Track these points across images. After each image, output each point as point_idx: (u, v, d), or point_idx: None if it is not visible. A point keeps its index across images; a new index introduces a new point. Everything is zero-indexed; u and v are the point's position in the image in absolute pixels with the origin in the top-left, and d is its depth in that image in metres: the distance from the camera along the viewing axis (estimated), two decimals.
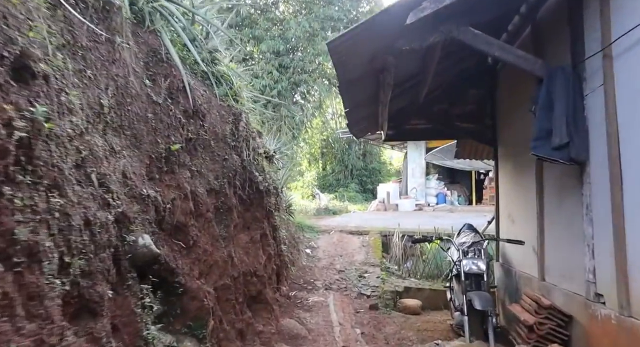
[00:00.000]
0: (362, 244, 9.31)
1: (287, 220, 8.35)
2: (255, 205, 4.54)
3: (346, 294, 6.18)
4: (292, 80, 19.97)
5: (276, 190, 5.59)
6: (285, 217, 8.30)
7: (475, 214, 14.40)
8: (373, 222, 12.13)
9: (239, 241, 4.11)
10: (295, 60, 19.98)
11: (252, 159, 4.51)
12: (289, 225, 8.45)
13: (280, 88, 19.25)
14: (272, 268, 4.84)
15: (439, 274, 8.05)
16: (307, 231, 9.89)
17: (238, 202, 4.17)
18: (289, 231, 8.17)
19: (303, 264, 7.61)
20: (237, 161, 4.15)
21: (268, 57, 19.48)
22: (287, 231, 8.05)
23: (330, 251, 8.81)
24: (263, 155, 5.16)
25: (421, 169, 16.70)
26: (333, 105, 27.52)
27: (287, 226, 8.20)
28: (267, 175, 5.10)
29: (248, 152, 4.38)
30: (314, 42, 19.75)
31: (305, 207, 20.29)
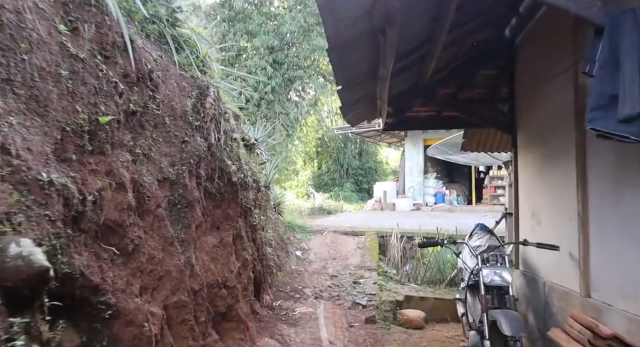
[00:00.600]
0: (357, 246, 8.46)
1: (275, 219, 7.49)
2: (227, 200, 3.67)
3: (339, 304, 5.32)
4: (287, 76, 19.14)
5: (257, 184, 4.71)
6: (273, 216, 7.44)
7: (476, 214, 13.60)
8: (369, 222, 11.28)
9: (203, 245, 3.23)
10: (289, 56, 19.14)
11: (224, 144, 3.64)
12: (277, 225, 7.59)
13: (274, 84, 18.41)
14: (248, 277, 3.96)
15: (442, 279, 7.20)
16: (298, 231, 9.03)
17: (203, 196, 3.30)
18: (277, 232, 7.31)
19: (292, 269, 6.75)
20: (202, 145, 3.27)
21: (262, 53, 18.63)
22: (275, 232, 7.19)
23: (323, 254, 7.95)
24: (240, 142, 4.28)
25: (419, 168, 15.88)
26: (329, 103, 26.68)
27: (275, 226, 7.34)
28: (246, 165, 4.23)
29: (218, 136, 3.51)
30: (309, 38, 18.92)
31: (300, 206, 19.48)
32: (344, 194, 22.51)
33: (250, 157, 4.86)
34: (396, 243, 8.46)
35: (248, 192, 4.16)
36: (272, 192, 8.25)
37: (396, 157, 32.05)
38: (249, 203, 4.13)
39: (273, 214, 7.48)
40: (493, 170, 15.32)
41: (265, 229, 6.35)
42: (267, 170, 7.18)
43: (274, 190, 8.38)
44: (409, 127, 5.96)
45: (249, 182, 4.21)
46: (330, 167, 25.32)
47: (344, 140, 25.54)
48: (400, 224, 10.67)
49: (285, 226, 8.72)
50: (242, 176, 3.88)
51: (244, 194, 3.95)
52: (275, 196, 8.25)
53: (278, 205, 8.32)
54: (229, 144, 3.73)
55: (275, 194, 8.28)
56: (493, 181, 15.31)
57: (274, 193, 8.28)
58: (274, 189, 8.32)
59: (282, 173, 21.40)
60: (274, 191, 8.27)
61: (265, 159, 6.15)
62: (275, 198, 8.21)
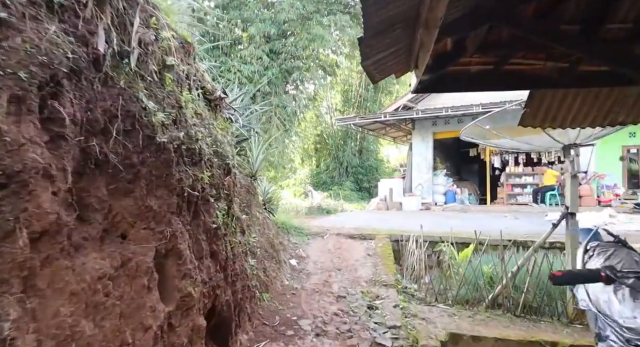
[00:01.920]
0: (367, 253, 6.58)
1: (263, 219, 5.60)
2: (146, 180, 1.78)
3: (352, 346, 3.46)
4: (284, 67, 17.27)
5: (224, 161, 2.81)
6: (260, 214, 5.55)
7: (493, 215, 11.78)
8: (375, 223, 9.42)
9: (63, 277, 1.33)
10: (287, 45, 17.29)
11: (141, 67, 1.76)
12: (267, 226, 5.71)
13: (270, 75, 16.54)
14: (193, 326, 2.04)
15: (480, 298, 5.35)
16: (294, 234, 7.15)
17: (76, 165, 1.42)
18: (266, 235, 5.42)
19: (284, 285, 4.86)
20: (76, 53, 1.41)
21: (258, 42, 16.76)
22: (263, 236, 5.31)
23: (325, 263, 6.08)
24: (190, 85, 2.39)
25: (428, 163, 14.02)
26: (328, 99, 24.83)
27: (263, 228, 5.46)
28: (198, 127, 2.35)
29: (123, 45, 1.64)
30: (308, 26, 17.08)
31: (297, 205, 17.61)
32: (343, 193, 20.66)
33: (215, 118, 2.96)
34: (415, 250, 6.60)
35: (199, 170, 2.25)
36: (261, 184, 6.36)
37: (397, 156, 30.20)
38: (199, 188, 2.22)
39: (261, 213, 5.61)
40: (510, 167, 13.49)
41: (249, 232, 4.48)
42: (253, 155, 5.31)
43: (263, 182, 6.49)
44: (452, 88, 4.01)
45: (204, 154, 2.31)
46: (329, 165, 23.47)
47: (344, 137, 23.70)
48: (411, 226, 8.81)
49: (278, 227, 6.84)
50: (182, 138, 1.98)
51: (187, 171, 2.05)
52: (265, 190, 6.37)
53: (269, 201, 6.44)
54: (152, 69, 1.83)
55: (265, 188, 6.40)
56: (510, 179, 13.46)
57: (264, 187, 6.40)
58: (262, 181, 6.44)
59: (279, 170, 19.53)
60: (262, 184, 6.38)
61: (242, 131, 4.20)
62: (265, 193, 6.33)
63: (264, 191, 6.33)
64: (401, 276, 6.37)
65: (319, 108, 23.87)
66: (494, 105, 11.44)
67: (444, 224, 9.66)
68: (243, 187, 5.07)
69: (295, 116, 19.19)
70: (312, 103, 21.02)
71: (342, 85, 24.94)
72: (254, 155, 5.23)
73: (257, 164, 5.27)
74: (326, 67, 19.72)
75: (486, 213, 11.90)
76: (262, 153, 5.36)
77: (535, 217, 10.80)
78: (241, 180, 5.13)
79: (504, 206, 12.99)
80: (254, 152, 5.23)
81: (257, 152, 5.26)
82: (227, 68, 16.35)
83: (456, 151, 15.59)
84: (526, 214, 11.51)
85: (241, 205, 4.86)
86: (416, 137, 14.17)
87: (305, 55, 17.69)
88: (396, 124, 14.26)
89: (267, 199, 6.36)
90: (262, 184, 6.35)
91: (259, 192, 6.33)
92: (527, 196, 13.07)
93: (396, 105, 14.37)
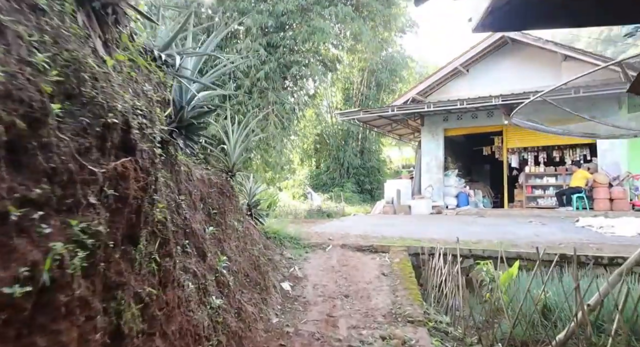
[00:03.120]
0: (381, 271, 5.02)
1: (244, 230, 4.03)
2: None
3: None
4: (282, 61, 15.73)
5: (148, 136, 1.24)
6: (241, 224, 3.99)
7: (515, 219, 10.18)
8: (384, 230, 7.87)
9: None
10: (286, 38, 15.79)
11: None
12: (250, 239, 4.15)
13: (267, 70, 15.01)
14: None
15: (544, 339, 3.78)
16: (289, 246, 5.59)
17: None
18: (248, 253, 3.86)
19: (270, 327, 3.31)
20: None
21: (254, 34, 15.24)
22: (243, 253, 3.75)
23: (327, 286, 4.51)
24: None
25: (438, 163, 12.47)
26: (328, 96, 23.30)
27: (244, 242, 3.89)
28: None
29: None
30: (308, 18, 15.57)
31: (296, 208, 16.06)
32: (345, 194, 19.11)
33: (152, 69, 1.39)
34: (442, 267, 5.04)
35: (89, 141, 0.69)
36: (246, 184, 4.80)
37: (399, 157, 28.66)
38: None
39: (242, 221, 4.04)
40: (529, 166, 11.93)
41: (217, 252, 2.94)
42: (230, 143, 3.74)
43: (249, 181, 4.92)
44: (521, 25, 2.52)
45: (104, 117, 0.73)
46: (330, 166, 21.92)
47: (345, 136, 22.16)
48: (426, 233, 7.26)
49: (268, 237, 5.28)
50: None
51: None
52: (250, 191, 4.80)
53: (256, 206, 4.87)
54: None
55: (251, 189, 4.83)
56: (530, 180, 11.90)
57: (249, 187, 4.83)
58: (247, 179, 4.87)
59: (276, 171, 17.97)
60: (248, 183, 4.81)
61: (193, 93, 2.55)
62: (250, 194, 4.76)
63: (248, 192, 4.77)
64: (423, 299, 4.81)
65: (319, 106, 22.34)
66: (515, 97, 9.91)
67: (463, 231, 8.11)
68: (214, 186, 3.51)
69: (294, 114, 17.67)
70: (312, 101, 19.48)
71: (343, 83, 23.43)
72: (231, 144, 3.68)
73: (236, 156, 3.71)
74: (327, 63, 18.19)
75: (507, 218, 10.33)
76: (241, 141, 3.79)
77: (566, 223, 9.25)
78: (211, 176, 3.57)
79: (524, 209, 11.43)
80: (231, 140, 3.68)
81: (235, 139, 3.70)
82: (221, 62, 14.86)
83: (467, 150, 14.06)
84: (552, 219, 9.95)
85: (211, 212, 3.31)
86: (426, 134, 12.62)
87: (305, 49, 16.21)
88: (404, 119, 12.72)
89: (253, 202, 4.80)
90: (247, 184, 4.78)
91: (242, 194, 4.77)
92: (549, 199, 11.51)
93: (404, 99, 12.85)
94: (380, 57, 22.61)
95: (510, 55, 11.93)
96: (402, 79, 23.71)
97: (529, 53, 11.65)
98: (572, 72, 11.69)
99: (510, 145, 11.91)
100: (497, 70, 12.12)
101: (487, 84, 11.75)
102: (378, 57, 21.97)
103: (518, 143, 11.72)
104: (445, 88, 12.82)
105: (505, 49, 11.96)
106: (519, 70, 11.70)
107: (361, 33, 17.08)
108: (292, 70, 15.92)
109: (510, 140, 11.82)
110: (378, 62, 22.62)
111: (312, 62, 16.79)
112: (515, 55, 11.88)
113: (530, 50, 11.59)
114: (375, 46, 19.62)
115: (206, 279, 2.47)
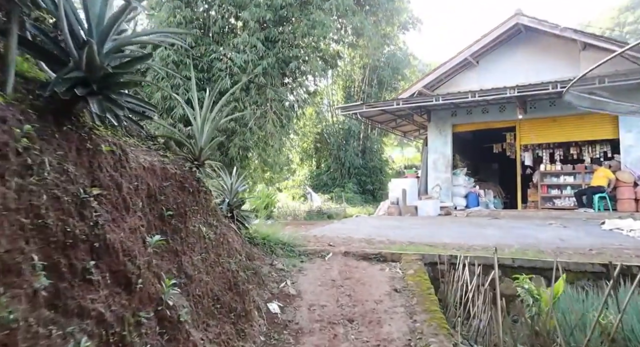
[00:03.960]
0: (392, 286, 4.01)
1: (219, 238, 3.03)
2: None
3: None
4: (281, 56, 14.75)
5: None
6: (213, 230, 2.99)
7: (532, 222, 9.12)
8: (390, 234, 6.89)
9: None
10: (284, 32, 14.83)
11: None
12: (228, 248, 3.15)
13: (266, 65, 14.03)
14: None
15: None
16: (282, 255, 4.58)
17: None
18: (221, 269, 2.86)
19: None
20: None
21: (252, 28, 14.29)
22: (214, 270, 2.75)
23: (327, 307, 3.52)
24: None
25: (446, 161, 11.46)
26: (329, 94, 22.34)
27: (216, 254, 2.90)
28: None
29: None
30: (307, 12, 14.61)
31: (295, 209, 15.12)
32: (346, 195, 18.14)
33: None
34: (468, 279, 4.05)
35: None
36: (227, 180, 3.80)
37: (401, 158, 27.64)
38: None
39: (216, 226, 3.04)
40: (544, 164, 10.92)
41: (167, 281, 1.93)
42: (197, 122, 2.75)
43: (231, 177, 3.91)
44: None
45: None
46: (331, 166, 20.95)
47: (346, 136, 21.18)
48: (439, 238, 6.27)
49: (255, 244, 4.28)
50: None
51: None
52: (231, 188, 3.81)
53: (238, 206, 3.88)
54: None
55: (232, 186, 3.84)
56: (545, 179, 10.88)
57: (230, 183, 3.84)
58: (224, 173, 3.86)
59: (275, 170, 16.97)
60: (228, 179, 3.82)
61: None
62: (231, 192, 3.77)
63: (229, 189, 3.78)
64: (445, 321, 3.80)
65: (319, 105, 21.39)
66: (533, 88, 8.93)
67: (478, 234, 7.11)
68: (170, 179, 2.52)
69: (294, 111, 16.70)
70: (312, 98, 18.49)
71: (344, 80, 22.48)
72: (198, 123, 2.69)
73: (204, 138, 2.71)
74: (327, 58, 17.20)
75: (523, 220, 9.32)
76: (211, 119, 2.77)
77: (590, 226, 8.23)
78: (167, 166, 2.58)
79: (540, 210, 10.41)
80: (197, 117, 2.69)
81: (204, 116, 2.70)
82: (218, 57, 13.93)
83: (475, 147, 13.05)
84: (573, 221, 8.93)
85: (164, 214, 2.32)
86: (432, 130, 11.62)
87: (305, 43, 15.24)
88: (409, 114, 11.72)
89: (235, 202, 3.81)
90: (227, 179, 3.79)
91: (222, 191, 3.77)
92: (566, 199, 10.49)
93: (410, 92, 11.86)
94: (382, 54, 21.69)
95: (523, 45, 10.93)
96: (404, 77, 22.74)
97: (544, 43, 10.65)
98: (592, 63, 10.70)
99: (523, 142, 10.90)
100: (509, 62, 11.13)
101: (498, 77, 10.76)
102: (380, 53, 21.04)
103: (533, 139, 10.71)
104: (454, 81, 11.83)
105: (518, 39, 10.96)
106: (532, 62, 10.70)
107: (363, 27, 16.16)
108: (291, 66, 14.96)
109: (524, 137, 10.81)
110: (380, 59, 21.70)
111: (312, 58, 15.81)
112: (528, 45, 10.88)
113: (546, 40, 10.59)
114: (377, 41, 18.70)
115: (125, 324, 1.48)
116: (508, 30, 10.60)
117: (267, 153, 15.72)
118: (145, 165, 2.31)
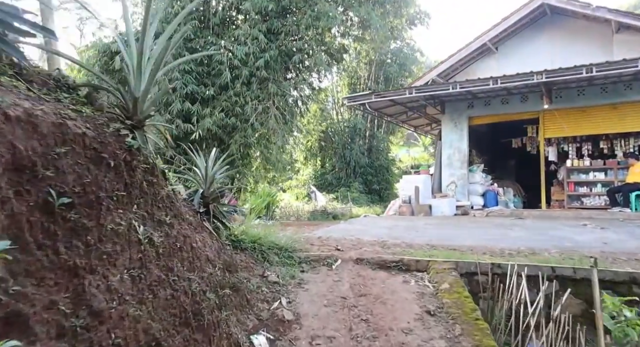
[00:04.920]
0: (423, 307, 2.93)
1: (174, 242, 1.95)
2: None
3: None
4: (283, 48, 13.73)
5: None
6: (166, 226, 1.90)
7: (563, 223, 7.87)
8: (405, 235, 5.82)
9: None
10: (287, 24, 13.82)
11: None
12: (194, 255, 2.09)
13: (268, 58, 13.01)
14: None
15: None
16: (277, 263, 3.51)
17: None
18: (179, 288, 1.80)
19: None
20: None
21: (253, 19, 13.33)
22: (168, 288, 1.67)
23: (335, 340, 2.45)
24: None
25: (462, 156, 10.33)
26: (333, 91, 21.29)
27: (174, 263, 1.82)
28: None
29: None
30: (311, 2, 13.61)
31: (299, 209, 14.08)
32: (351, 195, 17.06)
33: None
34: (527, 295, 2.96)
35: None
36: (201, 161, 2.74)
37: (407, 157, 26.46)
38: None
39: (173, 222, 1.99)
40: (571, 159, 9.76)
41: None
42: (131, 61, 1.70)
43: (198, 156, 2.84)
44: None
45: None
46: (336, 165, 19.89)
47: (351, 134, 20.09)
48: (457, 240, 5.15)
49: (241, 249, 3.21)
50: None
51: None
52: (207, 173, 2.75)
53: (216, 199, 2.81)
54: None
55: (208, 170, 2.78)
56: (572, 175, 9.72)
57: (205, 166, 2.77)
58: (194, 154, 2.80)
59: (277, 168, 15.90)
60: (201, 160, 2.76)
61: None
62: (207, 177, 2.70)
63: (204, 175, 2.72)
64: None
65: (323, 102, 20.34)
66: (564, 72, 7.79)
67: (505, 236, 5.98)
68: (74, 144, 1.44)
69: (297, 108, 15.67)
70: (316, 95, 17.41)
71: (350, 77, 21.45)
72: (133, 58, 1.64)
73: (144, 85, 1.67)
74: (332, 52, 16.14)
75: (551, 220, 8.18)
76: (155, 56, 1.70)
77: (631, 227, 7.07)
78: (71, 122, 1.50)
79: (566, 210, 9.25)
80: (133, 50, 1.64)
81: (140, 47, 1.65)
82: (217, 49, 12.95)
83: (492, 142, 11.90)
84: (609, 221, 7.79)
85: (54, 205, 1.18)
86: (447, 123, 10.50)
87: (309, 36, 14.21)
88: (422, 105, 10.59)
89: (211, 192, 2.74)
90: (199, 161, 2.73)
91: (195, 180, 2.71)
92: (596, 198, 9.33)
93: (423, 81, 10.76)
94: (389, 50, 20.64)
95: (548, 29, 9.81)
96: (411, 74, 21.64)
97: (572, 26, 9.52)
98: (626, 47, 9.62)
99: (548, 135, 9.74)
100: (531, 48, 10.01)
101: (519, 65, 9.61)
102: (387, 47, 19.98)
103: (559, 132, 9.55)
104: (470, 70, 10.72)
105: (542, 22, 9.84)
106: (558, 47, 9.57)
107: (370, 19, 15.13)
108: (295, 59, 13.92)
109: (548, 129, 9.65)
110: (386, 55, 20.65)
111: (317, 51, 14.76)
112: (554, 29, 9.75)
113: (573, 23, 9.47)
114: (384, 35, 17.65)
115: None
116: (532, 11, 9.47)
117: (269, 151, 14.71)
118: (12, 113, 1.25)
